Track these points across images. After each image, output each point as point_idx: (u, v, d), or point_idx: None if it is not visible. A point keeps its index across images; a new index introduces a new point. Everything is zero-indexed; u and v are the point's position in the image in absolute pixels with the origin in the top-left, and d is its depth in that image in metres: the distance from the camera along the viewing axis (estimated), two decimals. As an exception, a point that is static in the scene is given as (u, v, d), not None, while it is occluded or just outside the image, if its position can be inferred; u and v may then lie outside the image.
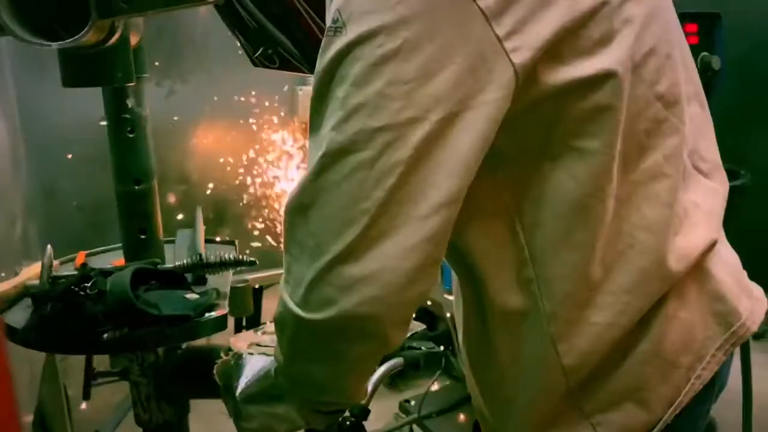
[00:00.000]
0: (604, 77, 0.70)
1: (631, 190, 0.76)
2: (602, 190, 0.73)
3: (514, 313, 0.78)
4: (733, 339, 0.84)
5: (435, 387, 2.21)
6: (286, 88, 2.80)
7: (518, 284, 0.78)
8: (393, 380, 2.52)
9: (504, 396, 0.84)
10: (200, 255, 1.35)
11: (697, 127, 0.86)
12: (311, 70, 1.01)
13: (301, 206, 0.70)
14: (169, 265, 1.38)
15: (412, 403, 2.35)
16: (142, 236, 1.39)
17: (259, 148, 2.66)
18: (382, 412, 2.42)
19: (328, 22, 0.68)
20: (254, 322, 2.70)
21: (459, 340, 0.92)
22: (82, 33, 0.96)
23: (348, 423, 1.20)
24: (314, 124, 0.71)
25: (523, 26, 0.65)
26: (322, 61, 0.68)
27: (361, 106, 0.65)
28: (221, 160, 2.71)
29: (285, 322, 0.75)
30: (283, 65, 1.00)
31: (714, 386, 0.87)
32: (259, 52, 0.98)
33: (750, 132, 2.35)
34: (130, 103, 1.31)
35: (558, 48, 0.68)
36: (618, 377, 0.80)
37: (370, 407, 1.26)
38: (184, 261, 1.35)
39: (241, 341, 1.23)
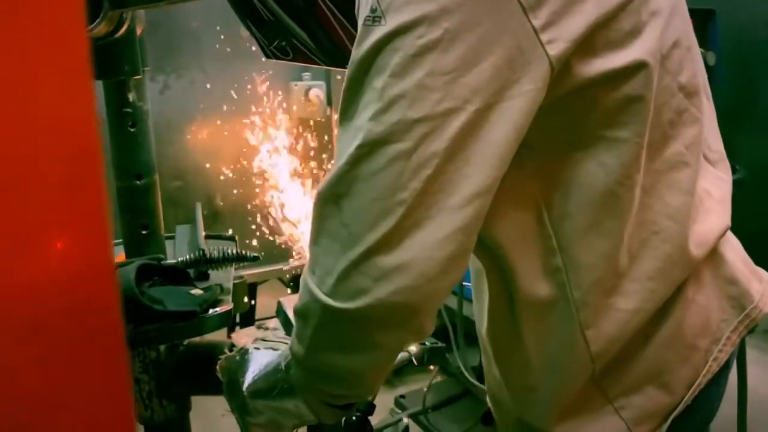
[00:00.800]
0: (636, 68, 0.72)
1: (654, 179, 0.78)
2: (631, 178, 0.75)
3: (543, 302, 0.80)
4: (746, 321, 0.88)
5: (431, 382, 2.21)
6: (281, 83, 2.79)
7: (546, 273, 0.79)
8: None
9: (529, 384, 0.86)
10: (203, 250, 1.34)
11: (705, 118, 0.88)
12: (327, 63, 1.01)
13: (334, 196, 0.70)
14: (171, 260, 1.37)
15: (427, 395, 2.33)
16: (144, 231, 1.37)
17: (254, 143, 2.65)
18: (378, 407, 2.42)
19: (365, 11, 0.68)
20: (249, 318, 2.70)
21: (481, 331, 0.92)
22: (94, 24, 0.95)
23: (354, 418, 1.20)
24: (347, 114, 0.71)
25: (558, 18, 0.66)
26: (359, 51, 0.68)
27: (400, 97, 0.65)
28: (217, 155, 2.70)
29: (310, 311, 0.75)
30: (297, 57, 1.00)
31: (728, 368, 0.90)
32: (274, 44, 0.97)
33: (743, 128, 2.37)
34: (131, 96, 1.29)
35: (591, 40, 0.69)
36: (641, 361, 0.83)
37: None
38: (187, 257, 1.34)
39: (244, 337, 1.22)
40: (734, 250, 0.91)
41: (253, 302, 2.76)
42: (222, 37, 2.55)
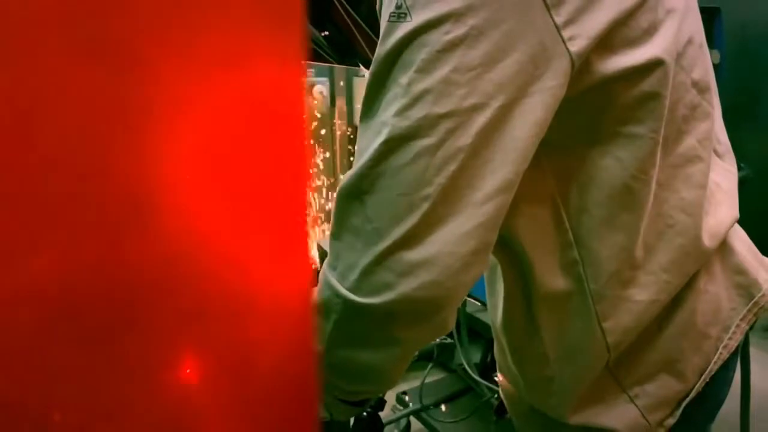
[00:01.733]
0: (653, 65, 0.72)
1: (669, 173, 0.79)
2: (647, 173, 0.76)
3: (560, 294, 0.81)
4: (755, 309, 0.90)
5: (430, 378, 2.21)
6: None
7: (563, 266, 0.80)
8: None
9: (546, 375, 0.87)
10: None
11: (715, 112, 0.90)
12: (339, 61, 1.01)
13: (358, 192, 0.70)
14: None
15: (431, 392, 2.33)
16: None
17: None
18: (379, 404, 2.42)
19: (390, 8, 0.68)
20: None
21: (495, 324, 0.93)
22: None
23: (365, 414, 1.20)
24: (369, 110, 0.70)
25: (579, 15, 0.66)
26: (383, 47, 0.68)
27: (426, 92, 0.65)
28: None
29: (331, 307, 0.75)
30: (309, 55, 0.99)
31: (736, 355, 0.93)
32: None
33: (747, 126, 2.38)
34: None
35: (610, 37, 0.69)
36: (654, 350, 0.85)
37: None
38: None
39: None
40: (741, 241, 0.93)
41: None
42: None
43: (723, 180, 0.90)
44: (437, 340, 1.29)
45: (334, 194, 0.75)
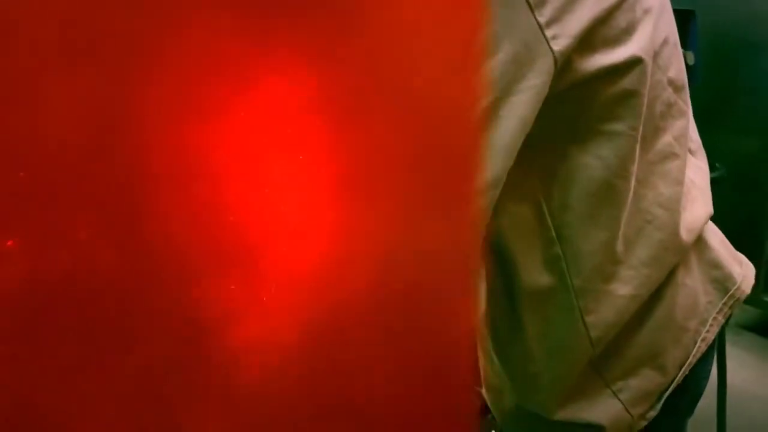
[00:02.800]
0: (632, 64, 0.74)
1: (647, 170, 0.81)
2: (627, 170, 0.78)
3: (544, 291, 0.82)
4: (730, 302, 0.93)
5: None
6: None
7: (546, 263, 0.81)
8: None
9: (530, 371, 0.88)
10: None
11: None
12: None
13: None
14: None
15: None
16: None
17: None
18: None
19: None
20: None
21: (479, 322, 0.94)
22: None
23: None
24: None
25: (561, 15, 0.68)
26: None
27: None
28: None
29: None
30: None
31: (714, 348, 0.95)
32: None
33: (721, 127, 2.41)
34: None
35: (590, 36, 0.71)
36: (636, 344, 0.86)
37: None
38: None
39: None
40: (715, 236, 0.96)
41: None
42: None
43: (696, 176, 0.92)
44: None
45: None
